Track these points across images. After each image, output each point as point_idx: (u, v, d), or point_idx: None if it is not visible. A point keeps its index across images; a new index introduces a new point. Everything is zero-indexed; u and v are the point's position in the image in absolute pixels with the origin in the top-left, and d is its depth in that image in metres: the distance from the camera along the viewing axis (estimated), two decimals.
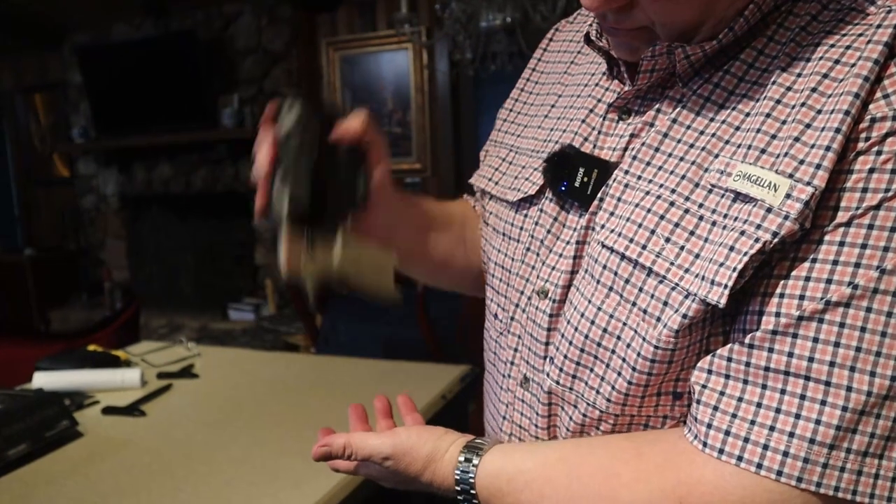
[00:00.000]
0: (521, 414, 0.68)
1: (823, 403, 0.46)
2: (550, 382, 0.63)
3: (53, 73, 4.86)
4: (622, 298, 0.56)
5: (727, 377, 0.50)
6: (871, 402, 0.45)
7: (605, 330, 0.57)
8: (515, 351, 0.68)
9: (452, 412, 1.52)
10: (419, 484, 0.63)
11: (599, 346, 0.58)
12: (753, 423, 0.48)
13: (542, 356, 0.64)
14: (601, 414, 0.59)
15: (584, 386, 0.60)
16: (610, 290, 0.57)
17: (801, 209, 0.47)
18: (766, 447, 0.47)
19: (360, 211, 0.67)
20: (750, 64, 0.56)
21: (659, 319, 0.53)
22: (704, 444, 0.50)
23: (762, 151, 0.51)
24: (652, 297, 0.54)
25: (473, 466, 0.59)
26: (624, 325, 0.56)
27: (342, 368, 1.74)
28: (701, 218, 0.53)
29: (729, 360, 0.50)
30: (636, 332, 0.55)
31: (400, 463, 0.62)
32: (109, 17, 4.35)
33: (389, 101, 4.00)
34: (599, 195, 0.60)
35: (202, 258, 4.63)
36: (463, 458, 0.60)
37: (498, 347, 0.72)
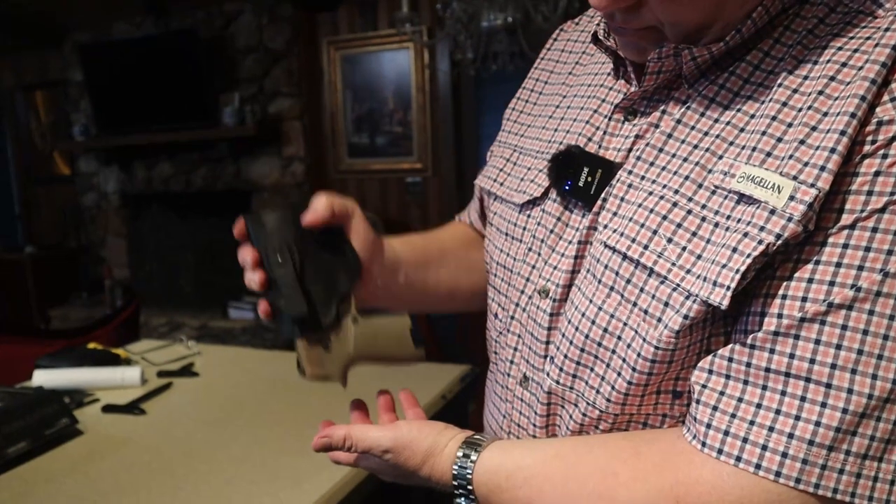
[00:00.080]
0: (520, 413, 0.68)
1: (824, 405, 0.46)
2: (550, 382, 0.63)
3: (54, 71, 4.86)
4: (623, 298, 0.56)
5: (727, 377, 0.50)
6: (871, 404, 0.45)
7: (605, 330, 0.57)
8: (515, 350, 0.68)
9: (452, 412, 1.52)
10: (418, 478, 0.63)
11: (600, 345, 0.58)
12: (753, 423, 0.48)
13: (542, 355, 0.64)
14: (601, 413, 0.59)
15: (584, 385, 0.60)
16: (611, 289, 0.57)
17: (804, 211, 0.47)
18: (764, 448, 0.47)
19: (358, 281, 0.69)
20: (755, 66, 0.56)
21: (660, 320, 0.53)
22: (703, 443, 0.50)
23: (767, 154, 0.51)
24: (653, 297, 0.54)
25: (472, 462, 0.59)
26: (624, 325, 0.56)
27: None
28: (704, 219, 0.53)
29: (730, 360, 0.50)
30: (637, 332, 0.55)
31: (399, 456, 0.62)
32: (110, 15, 4.35)
33: (390, 100, 4.00)
34: (603, 195, 0.60)
35: (202, 256, 4.62)
36: (462, 453, 0.60)
37: (498, 347, 0.72)
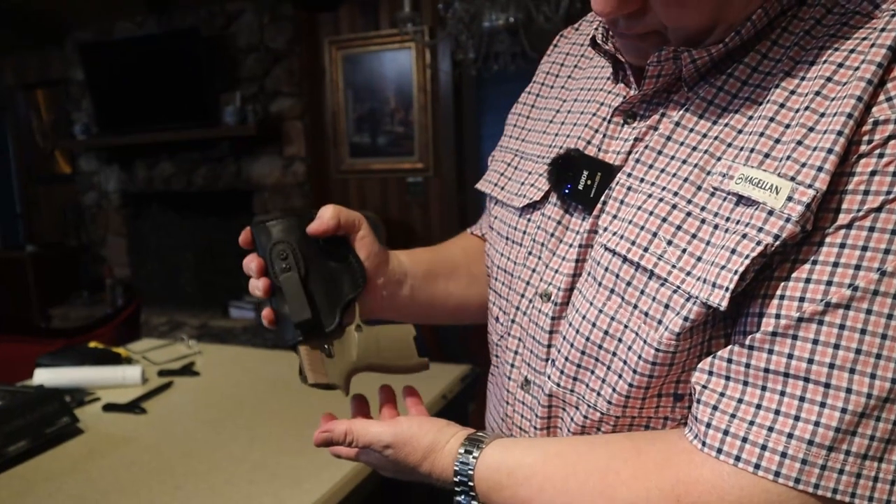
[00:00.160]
0: (521, 416, 0.68)
1: (822, 405, 0.46)
2: (551, 385, 0.63)
3: (56, 69, 4.86)
4: (623, 301, 0.56)
5: (727, 378, 0.51)
6: (870, 404, 0.45)
7: (606, 332, 0.57)
8: (516, 353, 0.69)
9: (453, 412, 1.52)
10: (418, 474, 0.63)
11: (600, 348, 0.58)
12: (752, 423, 0.48)
13: (543, 358, 0.64)
14: (602, 416, 0.59)
15: (584, 388, 0.60)
16: (611, 292, 0.57)
17: (802, 212, 0.47)
18: (764, 448, 0.48)
19: (362, 290, 0.70)
20: (754, 68, 0.56)
21: (660, 322, 0.53)
22: (703, 443, 0.51)
23: (765, 155, 0.51)
24: (653, 299, 0.54)
25: (473, 459, 0.59)
26: (625, 327, 0.56)
27: None
28: (703, 221, 0.53)
29: (729, 361, 0.50)
30: (637, 334, 0.55)
31: (400, 452, 0.62)
32: (111, 14, 4.35)
33: (392, 100, 4.00)
34: (603, 198, 0.60)
35: (203, 256, 4.63)
36: (463, 450, 0.60)
37: (499, 350, 0.72)
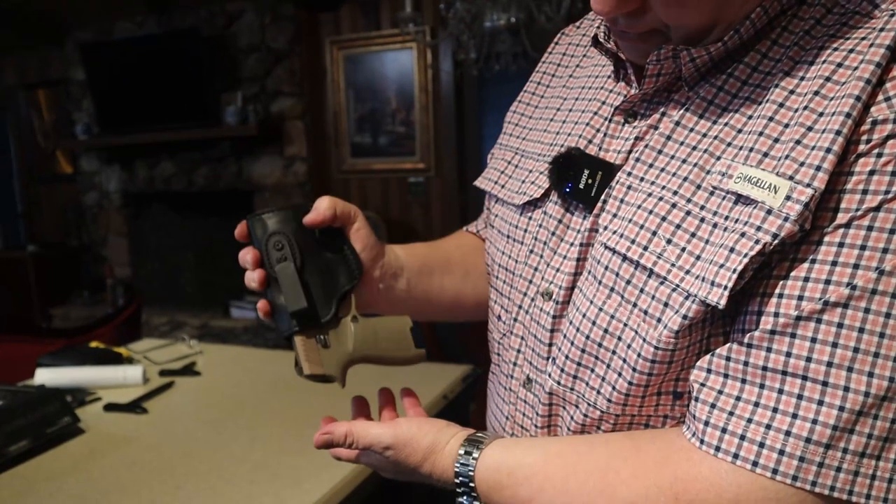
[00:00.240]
0: (522, 414, 0.68)
1: (820, 403, 0.46)
2: (552, 383, 0.63)
3: (56, 69, 4.86)
4: (623, 299, 0.56)
5: (726, 376, 0.51)
6: (868, 402, 0.45)
7: (605, 330, 0.58)
8: (518, 352, 0.69)
9: (454, 412, 1.52)
10: (418, 475, 0.63)
11: (600, 346, 0.58)
12: (750, 421, 0.49)
13: (545, 357, 0.64)
14: (602, 414, 0.59)
15: (584, 386, 0.60)
16: (611, 291, 0.57)
17: (800, 211, 0.47)
18: (762, 445, 0.48)
19: (358, 281, 0.70)
20: (753, 67, 0.56)
21: (659, 320, 0.53)
22: (701, 441, 0.51)
23: (764, 154, 0.51)
24: (653, 298, 0.54)
25: (474, 459, 0.59)
26: (625, 325, 0.56)
27: None
28: (702, 220, 0.53)
29: (727, 359, 0.51)
30: (637, 332, 0.55)
31: (400, 453, 0.63)
32: (112, 14, 4.35)
33: (393, 100, 4.00)
34: (603, 197, 0.60)
35: (204, 256, 4.63)
36: (463, 450, 0.60)
37: (501, 349, 0.73)
